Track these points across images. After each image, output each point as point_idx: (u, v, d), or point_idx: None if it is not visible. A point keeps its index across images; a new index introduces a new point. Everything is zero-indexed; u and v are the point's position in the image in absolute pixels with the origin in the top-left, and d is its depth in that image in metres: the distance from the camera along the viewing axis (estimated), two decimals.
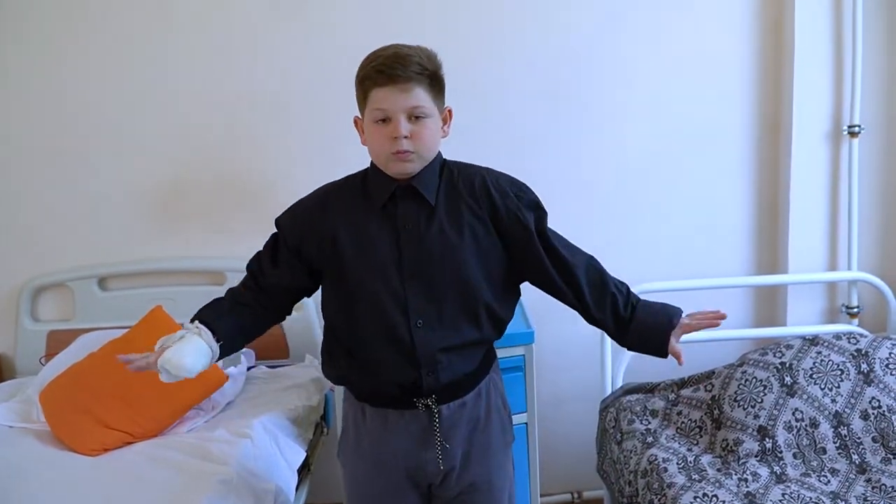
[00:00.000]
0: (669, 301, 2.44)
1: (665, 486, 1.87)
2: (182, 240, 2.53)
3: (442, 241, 1.46)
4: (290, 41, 2.43)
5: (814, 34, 2.39)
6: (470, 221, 1.48)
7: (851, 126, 2.40)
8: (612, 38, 2.46)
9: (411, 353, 1.47)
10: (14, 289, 2.54)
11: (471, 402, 1.55)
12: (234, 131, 2.48)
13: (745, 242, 2.59)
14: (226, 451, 1.90)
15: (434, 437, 1.52)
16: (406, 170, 1.44)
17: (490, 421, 1.59)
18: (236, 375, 2.25)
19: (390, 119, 1.40)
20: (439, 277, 1.46)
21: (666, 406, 2.16)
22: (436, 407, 1.51)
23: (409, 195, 1.47)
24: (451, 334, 1.48)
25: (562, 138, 2.50)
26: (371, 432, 1.56)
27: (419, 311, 1.46)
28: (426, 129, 1.43)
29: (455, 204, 1.49)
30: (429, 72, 1.42)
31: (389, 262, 1.45)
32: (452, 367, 1.50)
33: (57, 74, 2.44)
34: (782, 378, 2.06)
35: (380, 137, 1.42)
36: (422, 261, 1.46)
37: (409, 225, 1.46)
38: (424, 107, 1.42)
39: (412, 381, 1.49)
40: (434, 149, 1.48)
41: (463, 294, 1.48)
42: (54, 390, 2.12)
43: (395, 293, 1.45)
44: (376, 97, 1.41)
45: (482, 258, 1.49)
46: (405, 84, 1.39)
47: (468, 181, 1.51)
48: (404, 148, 1.40)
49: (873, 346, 2.11)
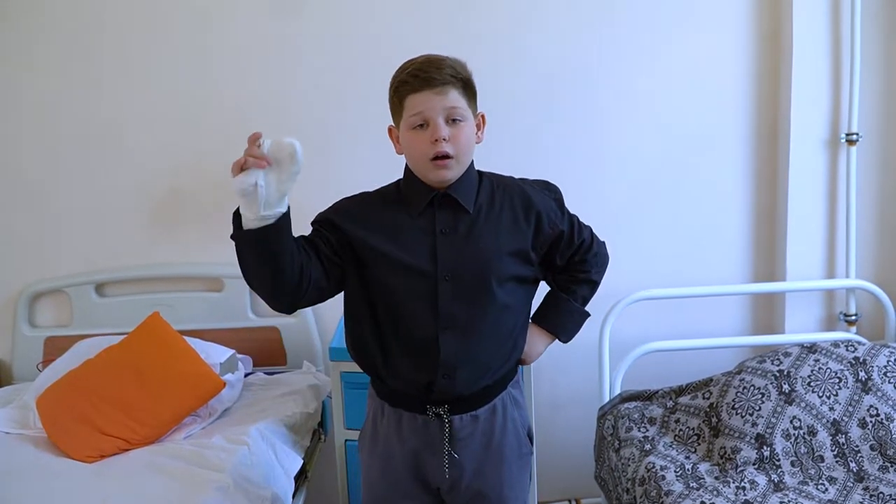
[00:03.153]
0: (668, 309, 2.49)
1: (663, 493, 1.87)
2: (180, 246, 2.53)
3: (479, 248, 1.47)
4: (290, 45, 2.43)
5: (812, 42, 2.39)
6: (511, 232, 1.50)
7: (849, 134, 2.40)
8: (612, 49, 2.47)
9: (434, 354, 1.47)
10: (12, 294, 2.54)
11: (483, 417, 1.55)
12: (232, 137, 2.44)
13: (744, 250, 2.59)
14: (223, 458, 1.90)
15: (443, 447, 1.52)
16: (445, 177, 1.45)
17: (505, 437, 1.57)
18: (233, 382, 2.25)
19: (428, 123, 1.41)
20: (472, 283, 1.47)
21: (664, 413, 2.16)
22: (447, 417, 1.51)
23: (448, 203, 1.48)
24: (478, 339, 1.49)
25: (560, 146, 2.50)
26: (386, 431, 1.57)
27: (448, 315, 1.46)
28: (463, 132, 1.44)
29: (495, 214, 1.50)
30: (462, 76, 1.44)
31: (424, 262, 1.46)
32: (471, 377, 1.50)
33: (54, 81, 2.45)
34: (780, 386, 2.06)
35: (419, 143, 1.43)
36: (456, 265, 1.46)
37: (446, 229, 1.47)
38: (461, 109, 1.43)
39: (426, 384, 1.49)
40: (470, 153, 1.49)
41: (495, 302, 1.49)
42: (51, 396, 2.12)
43: (425, 294, 1.46)
44: (413, 102, 1.42)
45: (519, 268, 1.52)
46: (441, 87, 1.40)
47: (509, 192, 1.54)
48: (444, 150, 1.41)
49: (871, 354, 2.11)
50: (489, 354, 1.52)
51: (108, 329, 2.44)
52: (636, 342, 2.30)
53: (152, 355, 2.15)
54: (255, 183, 1.24)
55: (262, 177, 1.24)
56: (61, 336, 2.49)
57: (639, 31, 2.46)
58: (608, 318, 2.30)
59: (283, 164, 1.24)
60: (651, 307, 2.45)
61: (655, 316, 2.50)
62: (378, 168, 2.50)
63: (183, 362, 2.15)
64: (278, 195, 1.28)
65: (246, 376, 2.39)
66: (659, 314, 2.51)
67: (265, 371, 2.47)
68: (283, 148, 1.24)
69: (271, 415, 2.14)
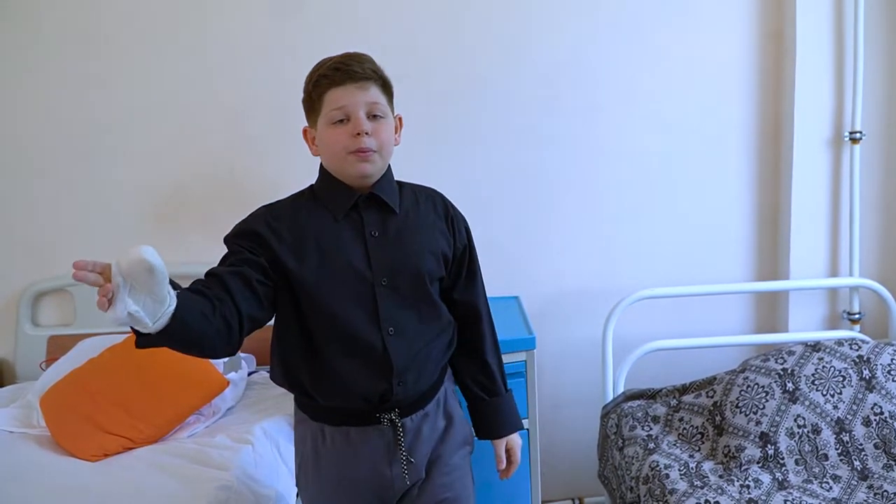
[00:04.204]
0: (672, 307, 2.49)
1: (667, 492, 1.87)
2: (183, 245, 2.53)
3: (410, 249, 1.46)
4: (290, 45, 2.43)
5: (815, 41, 2.39)
6: (435, 234, 1.51)
7: (853, 132, 2.40)
8: (615, 46, 2.47)
9: (384, 362, 1.43)
10: (15, 294, 2.54)
11: (432, 412, 1.54)
12: (235, 137, 2.48)
13: (747, 248, 2.59)
14: (226, 456, 1.90)
15: (399, 452, 1.48)
16: (366, 171, 1.41)
17: (451, 429, 1.57)
18: (237, 381, 2.25)
19: (349, 118, 1.39)
20: (408, 284, 1.45)
21: (667, 412, 2.16)
22: (399, 420, 1.47)
23: (373, 203, 1.46)
24: (421, 341, 1.47)
25: (564, 145, 2.50)
26: (332, 454, 1.49)
27: (390, 319, 1.43)
28: (384, 128, 1.42)
29: (419, 216, 1.51)
30: (381, 74, 1.44)
31: (358, 269, 1.42)
32: (423, 376, 1.49)
33: (57, 79, 2.45)
34: (784, 384, 2.06)
35: (339, 137, 1.39)
36: (392, 267, 1.44)
37: (376, 232, 1.45)
38: (382, 105, 1.42)
39: (381, 393, 1.44)
40: (391, 151, 1.47)
41: (429, 302, 1.49)
42: (55, 395, 2.12)
43: (364, 301, 1.42)
44: (333, 97, 1.39)
45: (440, 269, 1.51)
46: (363, 82, 1.39)
47: (429, 198, 1.55)
48: (366, 144, 1.38)
49: (875, 352, 2.11)
50: (431, 353, 1.50)
51: (111, 328, 2.43)
52: (639, 341, 2.30)
53: (155, 354, 2.10)
54: (127, 312, 1.07)
55: (130, 303, 1.07)
56: (64, 335, 2.49)
57: (641, 30, 2.46)
58: (611, 317, 2.29)
59: (142, 279, 1.06)
60: (654, 306, 2.45)
61: (659, 314, 2.51)
62: None
63: (186, 361, 2.13)
64: (157, 304, 1.09)
65: (249, 375, 2.39)
66: (662, 313, 2.51)
67: (268, 370, 2.46)
68: (134, 267, 1.05)
69: (275, 413, 2.14)
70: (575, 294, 2.54)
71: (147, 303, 1.08)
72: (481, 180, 2.49)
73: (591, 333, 2.34)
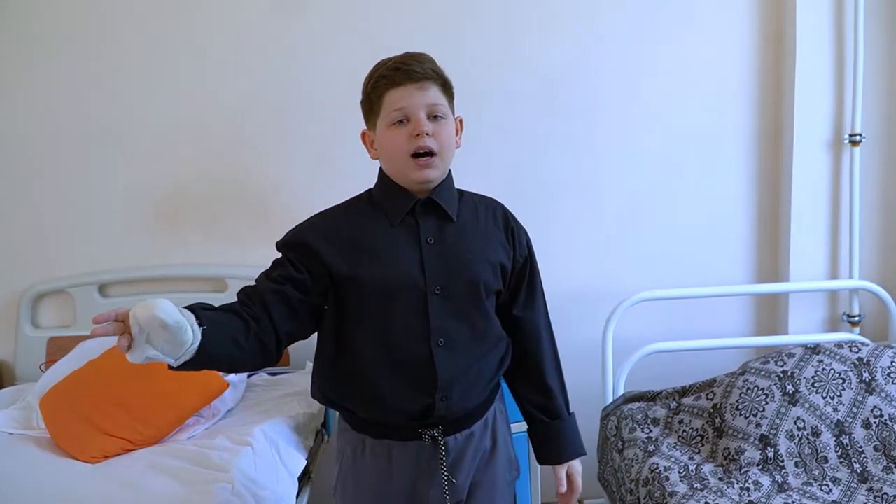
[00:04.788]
0: (672, 309, 2.49)
1: (667, 494, 1.87)
2: (183, 246, 2.53)
3: (466, 258, 1.40)
4: (290, 45, 2.44)
5: (815, 43, 2.39)
6: (493, 244, 1.45)
7: (853, 135, 2.40)
8: (615, 48, 2.47)
9: (429, 375, 1.38)
10: (14, 295, 2.53)
11: (478, 433, 1.47)
12: (235, 137, 2.48)
13: (747, 250, 2.59)
14: (226, 458, 1.89)
15: (440, 472, 1.42)
16: (428, 177, 1.37)
17: (496, 453, 1.51)
18: (236, 383, 2.25)
19: (409, 118, 1.34)
20: (463, 295, 1.39)
21: (667, 414, 2.16)
22: (442, 439, 1.42)
23: (430, 210, 1.41)
24: (471, 356, 1.41)
25: (564, 148, 2.50)
26: (372, 468, 1.45)
27: (441, 330, 1.38)
28: (445, 129, 1.37)
29: (478, 225, 1.45)
30: (441, 74, 1.39)
31: (411, 276, 1.37)
32: (470, 393, 1.43)
33: (57, 80, 2.45)
34: (784, 387, 2.06)
35: (399, 139, 1.35)
36: (446, 276, 1.38)
37: (432, 239, 1.39)
38: (442, 105, 1.37)
39: (423, 409, 1.39)
40: (452, 153, 1.42)
41: (483, 315, 1.43)
42: (54, 397, 2.11)
43: (415, 309, 1.37)
44: (393, 98, 1.35)
45: (497, 281, 1.45)
46: (423, 82, 1.35)
47: (490, 207, 1.50)
48: (427, 145, 1.34)
49: (875, 354, 2.11)
50: (481, 369, 1.44)
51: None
52: (639, 343, 2.30)
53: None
54: (146, 357, 1.12)
55: (148, 349, 1.11)
56: (64, 336, 2.49)
57: (641, 31, 2.46)
58: (611, 319, 2.29)
59: (157, 333, 1.10)
60: (654, 308, 2.45)
61: (659, 317, 2.50)
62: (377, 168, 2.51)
63: None
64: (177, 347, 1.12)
65: (249, 377, 2.38)
66: (662, 315, 2.51)
67: (268, 372, 2.46)
68: (149, 322, 1.09)
69: (275, 415, 2.14)
70: (575, 296, 2.54)
71: (165, 347, 1.12)
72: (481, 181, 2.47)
73: (590, 335, 2.34)
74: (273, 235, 1.50)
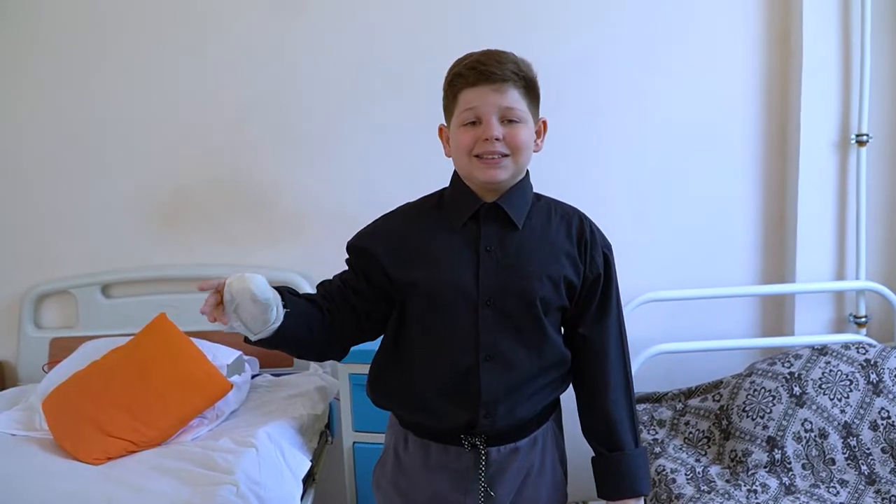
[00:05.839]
0: (677, 310, 2.48)
1: (673, 497, 1.86)
2: (186, 247, 2.52)
3: (525, 270, 1.32)
4: (291, 45, 2.43)
5: (822, 44, 2.38)
6: (559, 257, 1.35)
7: (859, 135, 2.38)
8: (620, 50, 2.46)
9: (472, 390, 1.32)
10: (17, 296, 2.53)
11: (525, 449, 1.40)
12: (239, 137, 2.48)
13: (753, 251, 2.57)
14: (230, 460, 1.89)
15: (478, 483, 1.36)
16: (495, 177, 1.30)
17: (544, 473, 1.43)
18: (240, 384, 2.24)
19: (480, 120, 1.28)
20: (517, 309, 1.32)
21: (673, 416, 2.15)
22: (484, 448, 1.36)
23: (495, 215, 1.34)
24: (521, 374, 1.34)
25: (569, 148, 2.49)
26: (410, 464, 1.42)
27: (490, 344, 1.31)
28: (520, 133, 1.30)
29: (547, 235, 1.36)
30: (525, 75, 1.32)
31: (463, 285, 1.31)
32: (514, 411, 1.35)
33: (60, 82, 2.44)
34: (791, 388, 2.04)
35: (467, 140, 1.29)
36: (500, 287, 1.31)
37: (490, 246, 1.32)
38: (518, 110, 1.30)
39: (465, 423, 1.34)
40: (527, 158, 1.34)
41: (539, 332, 1.34)
42: (57, 398, 2.11)
43: (464, 321, 1.31)
44: (467, 97, 1.29)
45: (559, 297, 1.36)
46: (500, 84, 1.28)
47: (565, 217, 1.41)
48: (496, 150, 1.27)
49: (882, 356, 2.10)
50: (533, 390, 1.36)
51: (114, 330, 2.43)
52: (645, 344, 2.29)
53: (159, 357, 2.14)
54: (231, 327, 1.20)
55: (234, 319, 1.19)
56: (67, 337, 2.49)
57: (646, 32, 2.45)
58: None
59: (246, 305, 1.17)
60: (660, 309, 2.44)
61: (664, 318, 2.49)
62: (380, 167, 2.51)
63: (190, 364, 2.14)
64: (261, 323, 1.19)
65: (253, 378, 2.38)
66: (668, 316, 2.49)
67: (272, 372, 2.46)
68: (241, 293, 1.16)
69: (279, 417, 2.13)
70: None
71: (250, 321, 1.19)
72: None
73: None
74: (274, 235, 1.49)
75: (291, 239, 2.45)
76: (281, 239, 2.46)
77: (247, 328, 1.19)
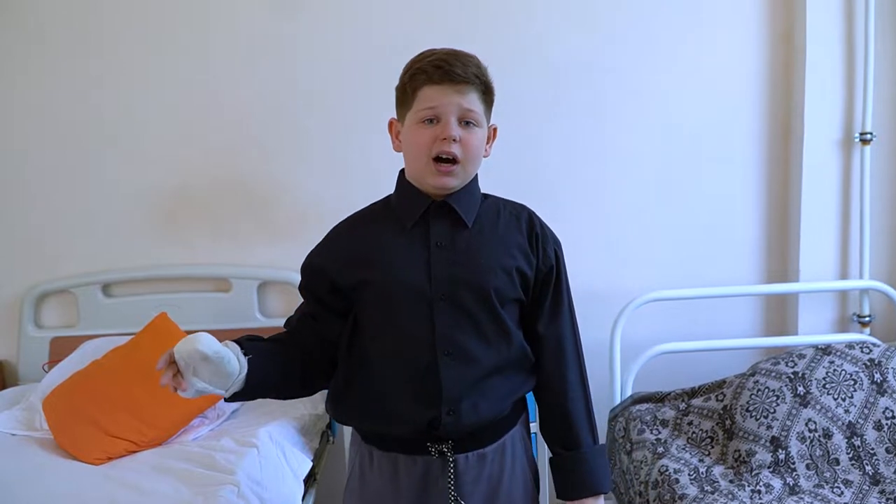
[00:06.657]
0: (680, 310, 2.47)
1: (677, 497, 1.85)
2: (187, 246, 2.51)
3: (477, 263, 1.33)
4: (291, 45, 2.43)
5: (825, 42, 2.38)
6: (511, 250, 1.36)
7: (863, 133, 2.38)
8: (624, 48, 2.45)
9: (433, 386, 1.31)
10: (17, 295, 2.52)
11: (491, 456, 1.39)
12: (240, 136, 2.47)
13: (756, 250, 2.57)
14: (231, 460, 1.88)
15: (447, 492, 1.35)
16: (447, 185, 1.32)
17: (514, 481, 1.42)
18: None
19: (439, 119, 1.28)
20: (472, 302, 1.32)
21: (676, 416, 2.14)
22: (451, 455, 1.35)
23: (444, 213, 1.35)
24: (482, 369, 1.33)
25: (572, 146, 2.49)
26: (377, 481, 1.40)
27: (447, 339, 1.31)
28: (475, 137, 1.31)
29: (496, 230, 1.37)
30: (485, 79, 1.33)
31: (415, 281, 1.31)
32: (478, 407, 1.34)
33: (61, 80, 2.44)
34: (795, 388, 2.03)
35: (424, 138, 1.29)
36: (453, 281, 1.31)
37: (441, 242, 1.33)
38: (476, 112, 1.31)
39: (429, 422, 1.32)
40: (477, 164, 1.36)
41: (497, 325, 1.34)
42: (58, 398, 2.10)
43: (420, 317, 1.31)
44: (427, 94, 1.29)
45: (514, 289, 1.36)
46: (462, 85, 1.28)
47: (514, 213, 1.42)
48: (451, 151, 1.28)
49: (886, 355, 2.09)
50: (495, 385, 1.36)
51: (114, 330, 2.42)
52: (648, 343, 2.28)
53: (160, 356, 2.13)
54: (196, 391, 1.19)
55: (196, 382, 1.18)
56: (67, 337, 2.48)
57: (650, 30, 2.45)
58: (619, 320, 2.27)
59: (200, 366, 1.17)
60: (663, 308, 2.43)
61: (667, 317, 2.48)
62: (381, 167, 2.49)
63: None
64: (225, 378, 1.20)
65: None
66: (671, 315, 2.49)
67: None
68: (190, 355, 1.16)
69: (280, 417, 2.13)
70: (582, 296, 2.47)
71: (213, 379, 1.19)
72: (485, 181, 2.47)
73: (598, 336, 2.31)
74: (276, 235, 1.48)
75: (292, 238, 2.44)
76: (282, 238, 2.45)
77: (213, 388, 1.19)
